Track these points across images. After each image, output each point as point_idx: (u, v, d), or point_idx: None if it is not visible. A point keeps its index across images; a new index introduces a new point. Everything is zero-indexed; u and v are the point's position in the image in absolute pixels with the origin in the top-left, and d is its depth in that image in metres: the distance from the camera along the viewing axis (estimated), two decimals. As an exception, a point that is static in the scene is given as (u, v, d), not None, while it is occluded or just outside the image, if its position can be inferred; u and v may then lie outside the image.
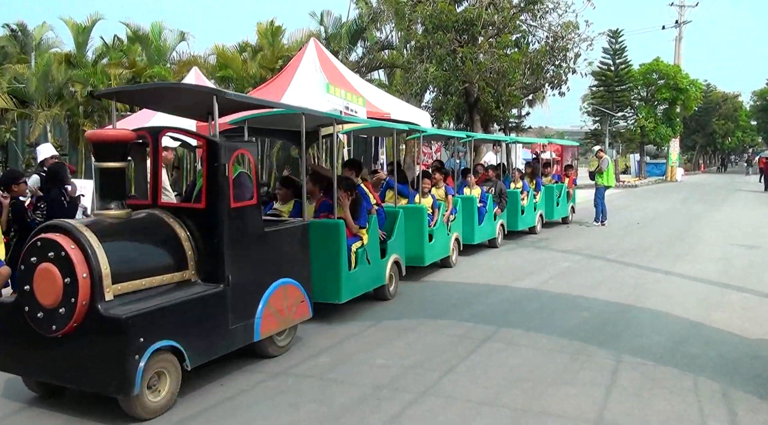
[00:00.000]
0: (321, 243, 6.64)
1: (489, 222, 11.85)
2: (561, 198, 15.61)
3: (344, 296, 6.86)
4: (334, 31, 22.67)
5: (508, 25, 17.54)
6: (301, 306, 5.93)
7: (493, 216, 12.01)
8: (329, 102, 10.23)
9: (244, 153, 5.41)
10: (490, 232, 11.94)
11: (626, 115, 42.98)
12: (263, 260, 5.47)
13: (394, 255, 8.04)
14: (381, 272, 7.70)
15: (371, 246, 7.43)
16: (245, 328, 5.22)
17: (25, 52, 21.84)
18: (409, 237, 8.74)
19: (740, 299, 8.03)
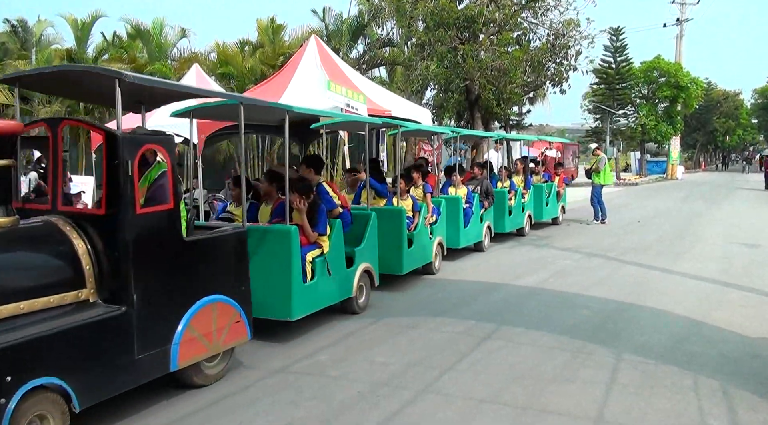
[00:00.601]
0: (269, 253, 5.99)
1: (475, 224, 11.16)
2: (550, 198, 15.09)
3: (296, 312, 6.04)
4: (335, 28, 22.67)
5: (509, 22, 17.52)
6: (237, 327, 5.10)
7: (479, 218, 11.35)
8: (330, 99, 10.23)
9: (155, 149, 4.64)
10: (476, 235, 11.26)
11: (627, 113, 42.89)
12: (183, 275, 4.67)
13: (363, 264, 7.28)
14: (347, 284, 6.94)
15: (333, 254, 6.66)
16: (158, 357, 4.40)
17: (26, 48, 21.85)
18: (385, 243, 7.99)
19: (741, 298, 8.03)
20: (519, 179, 13.74)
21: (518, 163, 14.46)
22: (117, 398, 4.32)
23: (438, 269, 9.52)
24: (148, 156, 4.82)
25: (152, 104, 5.86)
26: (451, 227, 10.31)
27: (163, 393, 4.81)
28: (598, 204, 15.89)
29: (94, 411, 4.23)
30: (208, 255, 4.98)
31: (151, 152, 4.76)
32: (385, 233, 8.00)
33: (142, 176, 4.63)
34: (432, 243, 9.37)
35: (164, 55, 21.44)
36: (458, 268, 10.00)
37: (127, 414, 4.46)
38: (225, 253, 5.17)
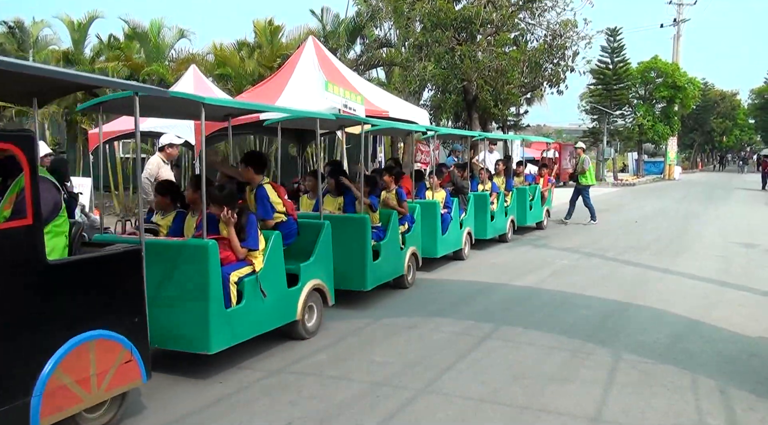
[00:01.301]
0: (181, 274, 5.05)
1: (454, 231, 10.28)
2: (534, 201, 14.24)
3: (216, 343, 5.03)
4: (332, 29, 22.66)
5: (507, 23, 17.54)
6: (126, 369, 4.14)
7: (459, 224, 10.51)
8: (328, 100, 10.22)
9: (5, 149, 3.57)
10: (455, 242, 10.35)
11: (624, 113, 42.97)
12: (47, 306, 3.72)
13: (312, 281, 6.30)
14: (289, 306, 5.99)
15: (269, 272, 5.69)
16: (12, 414, 3.50)
17: (23, 50, 21.83)
18: (346, 256, 7.20)
19: (738, 297, 8.05)
20: (500, 181, 12.93)
21: (499, 164, 13.49)
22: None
23: (411, 283, 8.61)
24: None
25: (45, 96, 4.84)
26: (428, 235, 9.43)
27: (158, 394, 4.81)
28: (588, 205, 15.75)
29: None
30: (84, 281, 3.98)
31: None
32: (346, 245, 7.21)
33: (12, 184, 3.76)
34: (404, 254, 8.42)
35: (162, 56, 21.41)
36: (457, 268, 10.01)
37: (121, 415, 4.45)
38: (110, 277, 4.17)
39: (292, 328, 6.09)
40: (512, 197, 13.12)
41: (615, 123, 42.10)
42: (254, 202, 6.28)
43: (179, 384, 5.01)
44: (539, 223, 14.72)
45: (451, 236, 10.13)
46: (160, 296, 4.97)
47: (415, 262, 8.79)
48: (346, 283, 7.29)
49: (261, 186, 6.27)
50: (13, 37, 22.19)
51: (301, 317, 6.07)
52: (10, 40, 22.00)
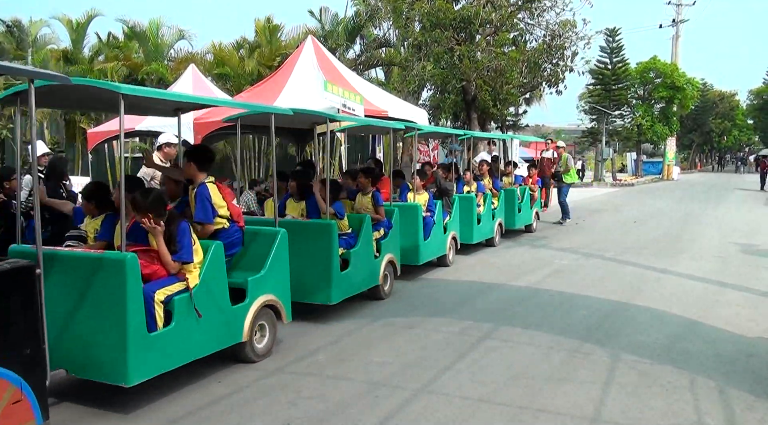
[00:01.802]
0: (95, 293, 4.38)
1: (437, 236, 9.63)
2: (523, 203, 13.59)
3: (136, 373, 4.31)
4: (331, 29, 22.66)
5: (506, 23, 17.56)
6: (15, 410, 3.48)
7: (442, 228, 9.89)
8: (327, 100, 10.23)
9: None
10: (438, 247, 9.70)
11: (623, 113, 43.01)
12: None
13: (264, 297, 5.54)
14: (233, 325, 5.26)
15: (207, 289, 4.94)
16: None
17: (22, 49, 21.81)
18: (308, 266, 6.64)
19: (737, 298, 8.05)
20: (486, 182, 12.38)
21: (483, 165, 12.89)
22: (110, 398, 4.30)
23: (389, 294, 7.96)
24: None
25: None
26: (408, 240, 8.86)
27: (157, 393, 4.80)
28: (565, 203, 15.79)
29: (83, 411, 4.22)
30: None
31: None
32: (309, 254, 6.66)
33: None
34: (379, 263, 7.71)
35: (161, 55, 21.41)
36: (455, 268, 10.01)
37: (121, 413, 4.45)
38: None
39: (238, 350, 5.39)
40: (500, 199, 12.58)
41: (614, 123, 42.13)
42: (194, 202, 5.53)
43: (177, 383, 5.00)
44: (528, 226, 14.18)
45: (434, 242, 9.49)
46: (74, 317, 4.38)
47: (392, 271, 8.12)
48: (310, 296, 6.72)
49: (203, 185, 5.50)
50: (12, 37, 22.17)
51: (248, 338, 5.35)
52: (8, 39, 21.98)
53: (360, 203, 8.15)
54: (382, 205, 8.09)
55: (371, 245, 7.62)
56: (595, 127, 42.05)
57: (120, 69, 19.42)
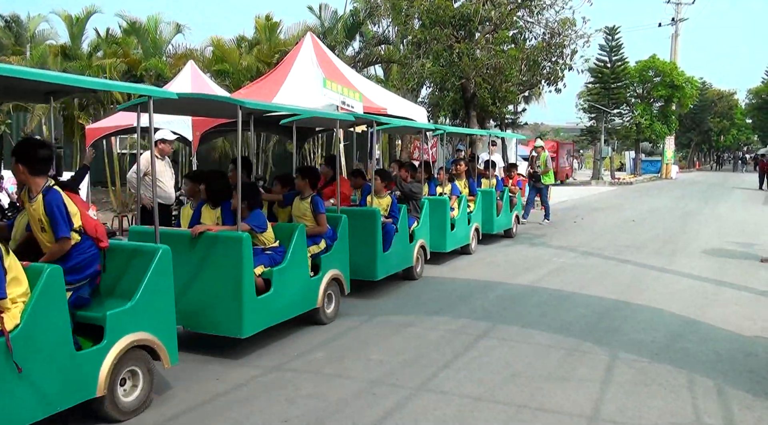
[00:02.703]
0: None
1: (401, 245, 8.40)
2: (503, 206, 12.66)
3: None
4: (330, 26, 22.62)
5: (505, 21, 17.50)
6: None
7: (408, 236, 8.70)
8: (326, 97, 10.20)
9: None
10: (401, 259, 8.47)
11: (622, 112, 43.00)
12: None
13: (130, 336, 4.31)
14: (82, 376, 4.01)
15: (32, 331, 3.69)
16: None
17: (20, 44, 21.75)
18: (213, 289, 5.51)
19: (735, 297, 8.06)
20: (462, 184, 11.36)
21: (459, 164, 11.67)
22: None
23: (333, 317, 6.76)
24: None
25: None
26: (363, 253, 7.64)
27: (156, 390, 4.79)
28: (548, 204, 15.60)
29: (79, 410, 4.21)
30: None
31: None
32: (214, 274, 5.53)
33: None
34: (317, 281, 6.50)
35: (159, 51, 21.34)
36: (453, 266, 10.01)
37: (122, 411, 4.43)
38: None
39: (94, 407, 4.18)
40: (477, 201, 11.49)
41: (613, 122, 42.12)
42: (42, 213, 4.27)
43: (176, 381, 4.99)
44: (507, 230, 13.13)
45: (396, 252, 8.26)
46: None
47: (338, 289, 6.95)
48: (218, 326, 5.57)
49: (51, 189, 4.27)
50: (10, 32, 22.10)
51: (106, 392, 4.10)
52: (6, 34, 21.90)
53: (298, 209, 6.99)
54: (323, 212, 6.85)
55: (304, 262, 6.34)
56: (594, 125, 42.03)
57: (119, 65, 19.35)
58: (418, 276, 8.97)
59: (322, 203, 6.94)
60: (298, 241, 6.24)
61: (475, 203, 11.41)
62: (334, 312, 6.86)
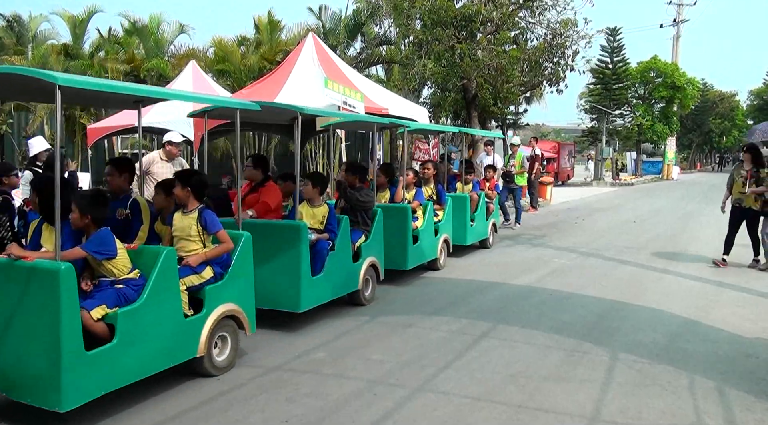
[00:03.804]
0: None
1: (340, 266, 6.93)
2: (478, 213, 11.26)
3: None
4: (332, 26, 22.64)
5: (507, 21, 17.51)
6: None
7: (351, 254, 7.22)
8: (327, 97, 10.22)
9: None
10: (341, 283, 6.98)
11: (623, 113, 43.01)
12: None
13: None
14: None
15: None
16: None
17: (22, 44, 21.80)
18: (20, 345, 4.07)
19: (736, 298, 8.06)
20: (429, 190, 10.04)
21: (427, 167, 10.32)
22: (108, 395, 4.31)
23: (228, 364, 5.25)
24: None
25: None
26: (284, 278, 6.22)
27: (156, 390, 4.80)
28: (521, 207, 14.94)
29: (83, 408, 4.22)
30: None
31: None
32: (22, 323, 4.07)
33: None
34: (198, 322, 4.94)
35: (162, 51, 21.39)
36: (454, 266, 10.00)
37: (119, 410, 4.45)
38: None
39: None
40: (446, 210, 10.07)
41: (614, 123, 42.13)
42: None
43: (176, 379, 5.00)
44: (483, 241, 11.73)
45: (332, 275, 6.75)
46: None
47: (233, 333, 5.30)
48: (32, 397, 4.06)
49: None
50: (12, 32, 22.16)
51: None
52: (8, 34, 21.96)
53: (180, 227, 5.25)
54: (216, 230, 5.19)
55: (174, 299, 4.74)
56: (596, 126, 42.05)
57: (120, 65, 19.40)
58: (367, 301, 7.47)
59: (213, 219, 5.20)
60: (164, 269, 4.62)
61: (444, 212, 10.00)
62: (231, 361, 5.29)
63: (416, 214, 9.06)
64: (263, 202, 6.88)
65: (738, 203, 10.10)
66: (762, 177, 9.73)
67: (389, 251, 8.21)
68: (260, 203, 6.87)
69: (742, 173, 9.97)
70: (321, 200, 7.06)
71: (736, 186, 10.09)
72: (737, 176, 10.07)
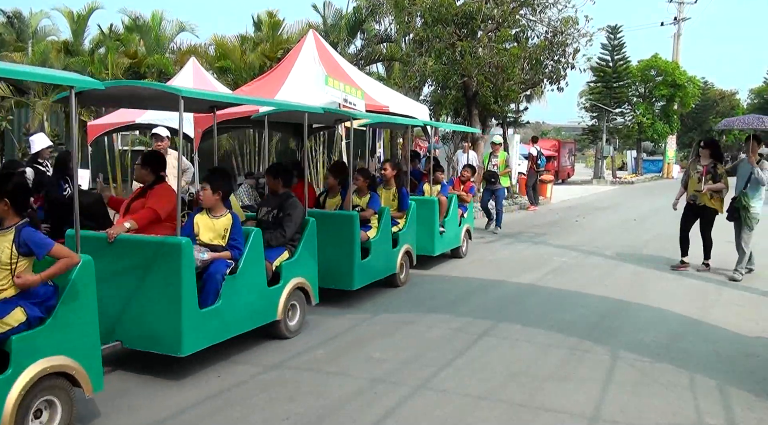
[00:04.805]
0: None
1: (249, 291, 5.56)
2: (448, 219, 9.87)
3: None
4: (333, 23, 22.61)
5: (508, 19, 17.47)
6: None
7: (265, 276, 5.76)
8: (328, 94, 10.19)
9: None
10: (250, 315, 5.59)
11: (624, 111, 42.92)
12: None
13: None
14: None
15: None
16: None
17: (22, 40, 21.77)
18: None
19: (736, 297, 8.05)
20: (390, 195, 8.72)
21: (385, 168, 8.84)
22: (106, 392, 4.30)
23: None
24: None
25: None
26: (160, 311, 4.89)
27: (156, 388, 4.79)
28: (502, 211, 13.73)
29: (90, 404, 4.21)
30: None
31: None
32: None
33: None
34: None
35: (163, 48, 21.34)
36: (454, 265, 9.99)
37: (120, 407, 4.44)
38: None
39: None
40: (408, 216, 8.61)
41: (614, 121, 42.06)
42: None
43: (176, 377, 5.00)
44: (455, 250, 10.48)
45: (235, 306, 5.38)
46: None
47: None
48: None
49: None
50: (12, 28, 22.12)
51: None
52: (8, 30, 21.92)
53: None
54: (47, 251, 3.90)
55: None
56: (596, 124, 41.99)
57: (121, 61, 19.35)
58: (292, 333, 6.12)
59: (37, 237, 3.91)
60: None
61: (406, 218, 8.58)
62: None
63: (369, 223, 7.81)
64: (148, 208, 5.45)
65: (692, 200, 9.66)
66: (720, 173, 9.24)
67: (332, 267, 7.02)
68: (144, 210, 5.44)
69: (698, 169, 9.45)
70: (224, 208, 5.61)
71: (691, 183, 9.64)
72: (693, 172, 9.57)
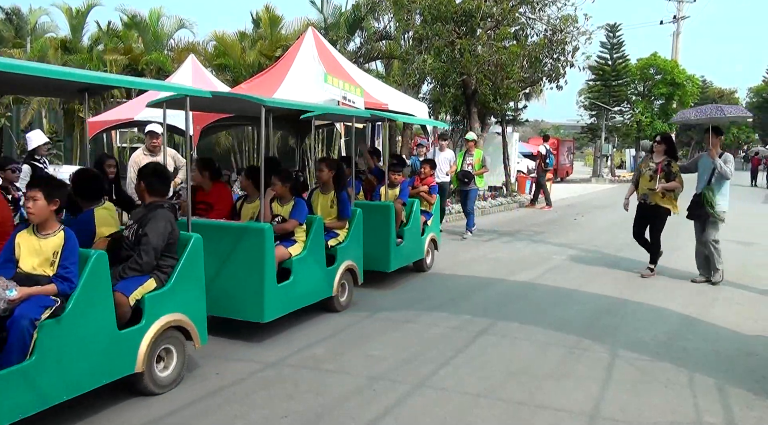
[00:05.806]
0: None
1: (73, 346, 3.90)
2: (410, 227, 8.55)
3: None
4: (332, 21, 22.58)
5: (507, 17, 17.45)
6: None
7: (111, 316, 4.19)
8: (327, 92, 10.18)
9: None
10: (87, 369, 4.02)
11: (623, 109, 42.93)
12: None
13: None
14: None
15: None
16: None
17: (21, 37, 21.74)
18: None
19: (735, 295, 8.06)
20: (327, 200, 7.25)
21: (321, 168, 7.35)
22: (106, 388, 4.29)
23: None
24: None
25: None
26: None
27: (158, 385, 4.78)
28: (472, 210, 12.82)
29: (78, 402, 4.20)
30: None
31: None
32: None
33: None
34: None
35: (161, 45, 21.32)
36: (453, 264, 9.99)
37: (120, 404, 4.43)
38: None
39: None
40: (352, 226, 7.25)
41: (613, 119, 42.07)
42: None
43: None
44: (419, 262, 9.02)
45: (56, 362, 3.80)
46: None
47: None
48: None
49: None
50: (11, 25, 22.09)
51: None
52: (7, 27, 21.90)
53: None
54: None
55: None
56: (595, 123, 42.00)
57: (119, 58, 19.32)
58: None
59: None
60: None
61: (348, 230, 7.23)
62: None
63: (292, 236, 6.40)
64: None
65: (643, 199, 8.95)
66: (674, 171, 8.64)
67: (236, 296, 5.82)
68: None
69: (651, 166, 8.78)
70: (57, 224, 4.19)
71: (642, 180, 8.89)
72: (645, 170, 8.87)
